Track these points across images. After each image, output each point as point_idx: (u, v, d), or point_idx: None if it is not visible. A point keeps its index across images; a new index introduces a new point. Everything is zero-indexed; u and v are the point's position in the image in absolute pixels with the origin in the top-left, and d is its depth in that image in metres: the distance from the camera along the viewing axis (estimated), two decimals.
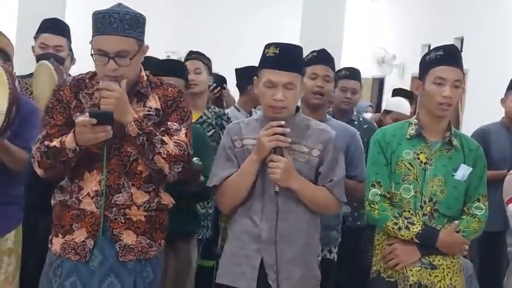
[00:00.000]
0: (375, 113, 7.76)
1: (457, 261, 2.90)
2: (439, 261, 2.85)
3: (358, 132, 3.62)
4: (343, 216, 3.83)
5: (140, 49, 2.61)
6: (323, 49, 3.50)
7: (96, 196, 2.60)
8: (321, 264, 2.88)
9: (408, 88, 8.08)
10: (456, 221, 2.85)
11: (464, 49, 7.91)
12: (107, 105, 2.49)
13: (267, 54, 2.71)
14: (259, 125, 2.76)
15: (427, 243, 2.81)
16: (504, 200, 3.11)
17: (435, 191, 2.84)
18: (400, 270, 2.85)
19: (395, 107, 5.49)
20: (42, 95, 3.28)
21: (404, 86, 8.73)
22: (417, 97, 3.18)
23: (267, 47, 2.74)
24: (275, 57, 2.69)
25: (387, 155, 2.89)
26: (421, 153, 2.87)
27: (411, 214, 2.84)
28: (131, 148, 2.60)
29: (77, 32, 4.36)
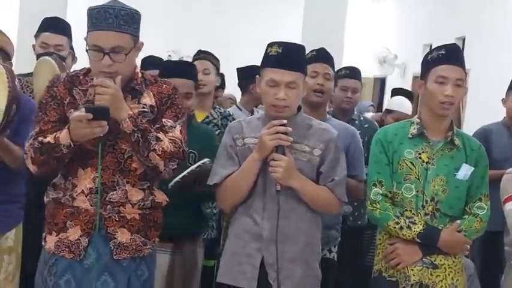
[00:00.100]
0: (376, 113, 7.76)
1: (459, 261, 2.90)
2: (441, 260, 2.84)
3: (358, 131, 3.62)
4: (344, 215, 3.82)
5: (135, 45, 2.59)
6: (322, 48, 3.50)
7: (91, 194, 2.58)
8: (321, 264, 2.87)
9: (409, 88, 8.09)
10: (458, 221, 2.84)
11: (466, 49, 7.90)
12: (102, 101, 2.47)
13: (270, 53, 2.70)
14: (261, 123, 2.75)
15: (429, 242, 2.81)
16: (501, 199, 3.10)
17: (437, 191, 2.83)
18: (401, 270, 2.84)
19: (396, 106, 5.48)
20: (42, 91, 3.26)
21: (406, 85, 8.74)
22: (418, 97, 3.18)
23: (269, 45, 2.73)
24: (278, 56, 2.68)
25: (389, 154, 2.88)
26: (423, 152, 2.86)
27: (413, 214, 2.83)
28: (126, 145, 2.59)
29: (78, 30, 4.34)
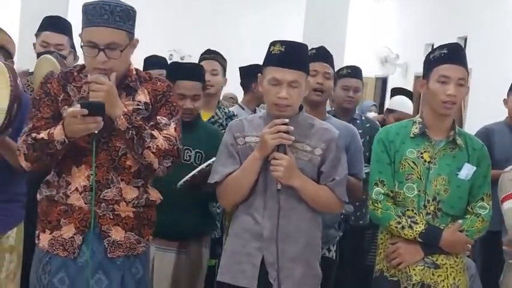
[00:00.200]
0: (378, 113, 7.75)
1: (461, 261, 2.89)
2: (443, 260, 2.84)
3: (360, 131, 3.61)
4: (346, 215, 3.82)
5: (130, 42, 2.58)
6: (322, 46, 3.48)
7: (85, 191, 2.57)
8: (321, 263, 2.86)
9: (411, 88, 8.07)
10: (460, 220, 2.83)
11: (467, 49, 7.88)
12: (96, 98, 2.46)
13: (273, 51, 2.69)
14: (262, 122, 2.74)
15: (431, 242, 2.80)
16: (499, 198, 3.09)
17: (439, 190, 2.82)
18: (403, 270, 2.84)
19: (398, 106, 5.47)
20: None
21: (408, 85, 8.72)
22: (420, 96, 3.17)
23: (272, 44, 2.72)
24: (280, 55, 2.67)
25: (391, 154, 2.87)
26: (424, 152, 2.86)
27: (414, 213, 2.83)
28: (120, 142, 2.57)
29: (79, 29, 4.33)
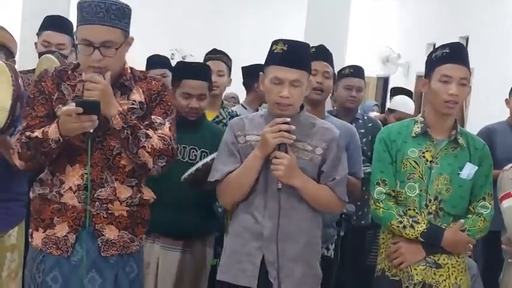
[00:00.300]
0: (380, 113, 7.75)
1: (462, 261, 2.89)
2: (444, 260, 2.83)
3: (362, 130, 3.61)
4: (348, 215, 3.81)
5: (126, 40, 2.57)
6: (321, 45, 3.47)
7: (79, 190, 2.57)
8: (320, 262, 2.86)
9: (413, 88, 8.07)
10: (461, 220, 2.83)
11: (469, 48, 7.88)
12: (91, 97, 2.45)
13: (275, 50, 2.69)
14: (263, 121, 2.74)
15: (432, 242, 2.80)
16: (498, 197, 3.09)
17: (440, 190, 2.82)
18: (404, 269, 2.84)
19: (399, 106, 5.47)
20: None
21: (409, 85, 8.71)
22: (421, 95, 3.17)
23: (275, 43, 2.71)
24: (283, 54, 2.66)
25: (392, 153, 2.87)
26: (426, 151, 2.85)
27: (416, 213, 2.82)
28: (114, 142, 2.57)
29: None
